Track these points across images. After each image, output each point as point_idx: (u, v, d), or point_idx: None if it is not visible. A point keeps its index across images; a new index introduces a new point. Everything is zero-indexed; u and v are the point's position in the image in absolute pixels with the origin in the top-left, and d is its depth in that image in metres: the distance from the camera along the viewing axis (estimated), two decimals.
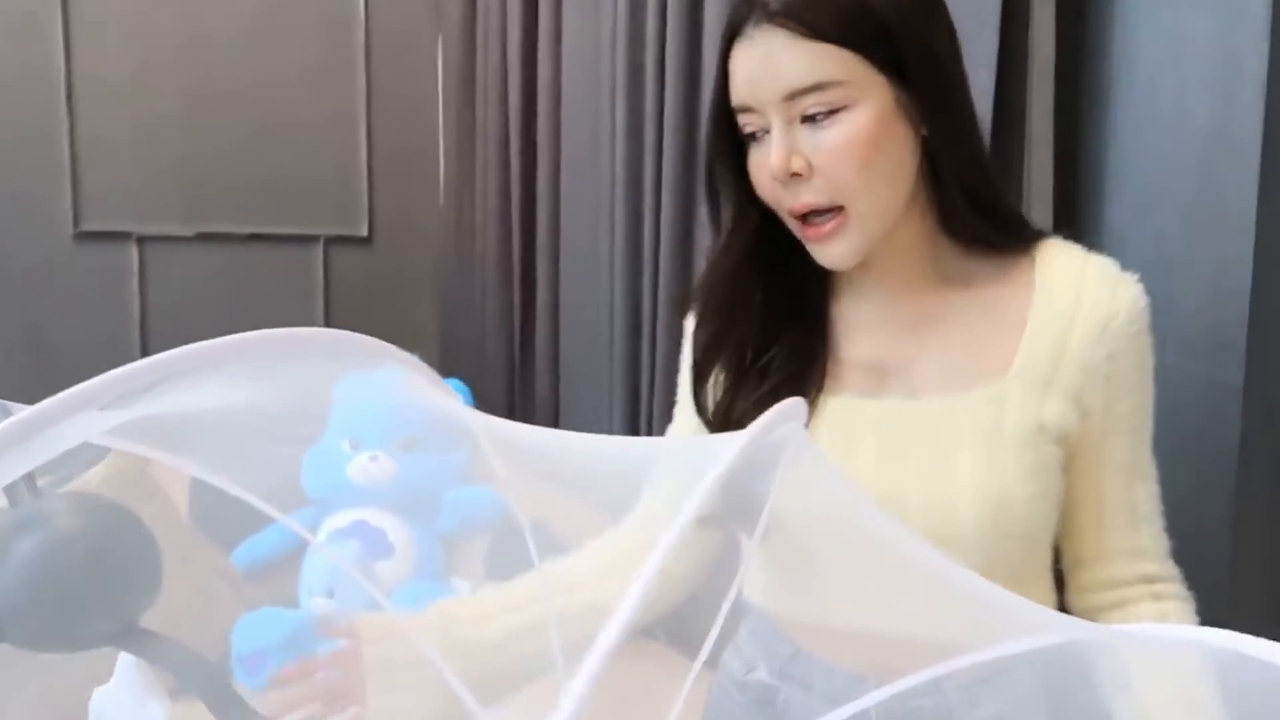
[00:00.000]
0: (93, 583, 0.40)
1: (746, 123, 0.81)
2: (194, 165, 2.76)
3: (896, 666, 0.80)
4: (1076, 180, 1.42)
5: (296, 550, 2.01)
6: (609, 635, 0.28)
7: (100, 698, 0.48)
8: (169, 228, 2.76)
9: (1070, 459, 0.82)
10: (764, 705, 0.88)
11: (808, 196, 0.79)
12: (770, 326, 0.86)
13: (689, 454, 0.74)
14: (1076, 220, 1.37)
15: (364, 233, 2.96)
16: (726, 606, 0.76)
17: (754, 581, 0.88)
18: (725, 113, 0.82)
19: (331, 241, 2.92)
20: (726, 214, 0.86)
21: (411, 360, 0.52)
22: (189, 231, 2.77)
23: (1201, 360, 1.25)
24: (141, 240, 2.74)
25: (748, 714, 0.88)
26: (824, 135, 0.78)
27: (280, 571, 2.03)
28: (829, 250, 0.81)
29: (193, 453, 0.49)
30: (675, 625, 0.96)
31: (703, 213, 1.89)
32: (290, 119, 2.85)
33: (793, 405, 0.41)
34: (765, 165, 0.80)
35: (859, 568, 0.73)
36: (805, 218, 0.80)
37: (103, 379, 0.40)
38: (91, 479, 1.76)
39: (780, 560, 0.76)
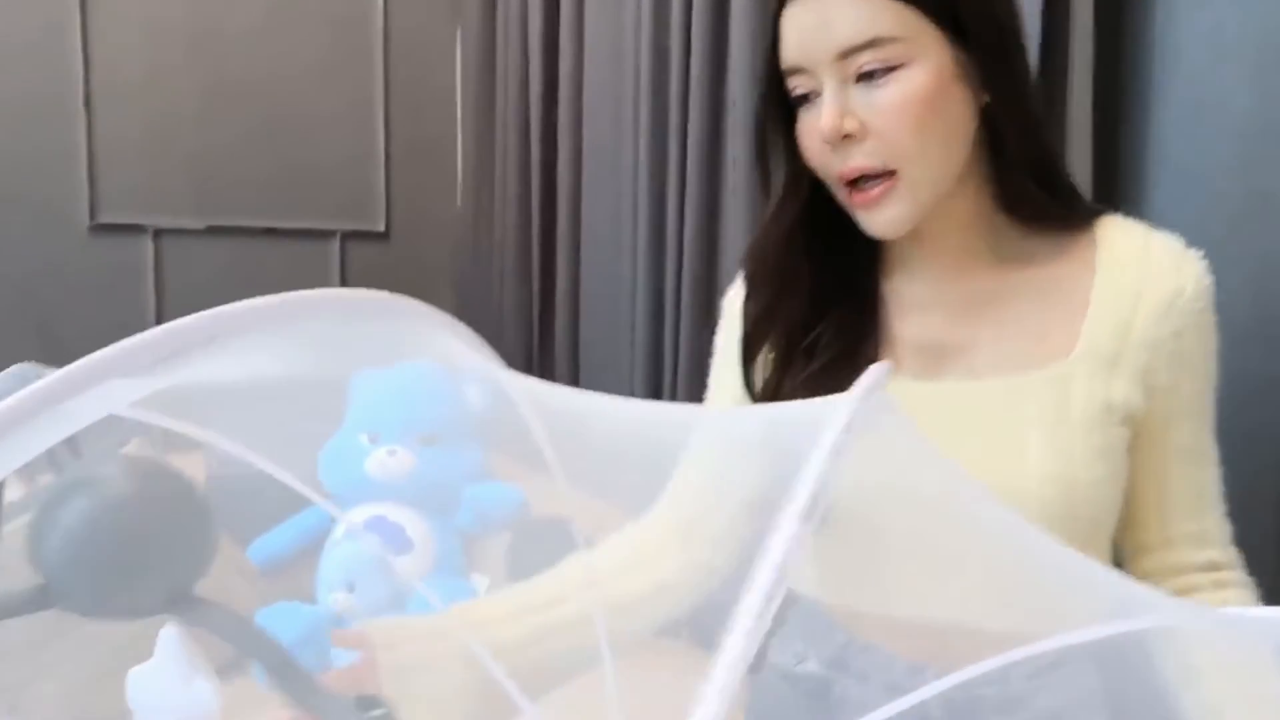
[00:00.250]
0: (143, 548, 0.38)
1: (797, 85, 0.78)
2: (211, 159, 2.75)
3: (961, 654, 0.77)
4: (1116, 172, 1.39)
5: (313, 545, 1.99)
6: (737, 641, 0.25)
7: (139, 677, 0.46)
8: (185, 221, 2.75)
9: (1134, 441, 0.80)
10: (817, 698, 0.85)
11: (859, 160, 0.76)
12: (819, 304, 0.84)
13: (730, 424, 0.71)
14: (1116, 212, 1.34)
15: (381, 228, 2.94)
16: (775, 604, 0.73)
17: (803, 570, 0.85)
18: (775, 77, 0.80)
19: (348, 236, 2.91)
20: (777, 182, 0.83)
21: (453, 323, 0.50)
22: (206, 226, 2.76)
23: (1245, 352, 1.22)
24: (158, 234, 2.73)
25: (799, 708, 0.85)
26: (879, 94, 0.75)
27: (296, 566, 2.01)
28: (877, 217, 0.78)
29: (226, 429, 0.46)
30: (702, 623, 0.93)
31: (728, 201, 1.89)
32: (308, 112, 2.83)
33: (880, 371, 0.38)
34: (815, 129, 0.77)
35: (933, 552, 0.71)
36: (854, 183, 0.77)
37: (140, 339, 0.38)
38: None
39: (838, 547, 0.73)
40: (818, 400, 0.59)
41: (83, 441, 0.41)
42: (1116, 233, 0.82)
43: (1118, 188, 1.39)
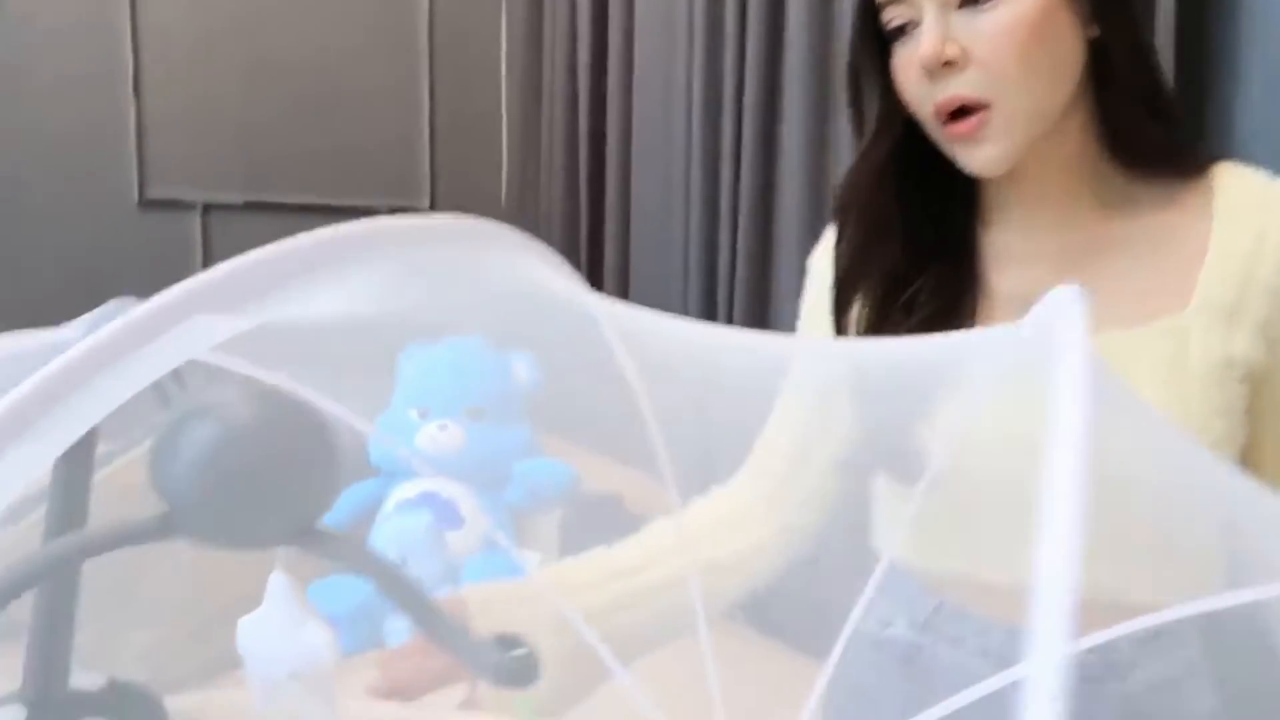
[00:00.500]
0: (269, 473, 0.37)
1: (893, 16, 0.75)
2: (259, 135, 2.75)
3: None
4: (1200, 142, 1.34)
5: (363, 519, 1.99)
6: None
7: (249, 625, 0.45)
8: (233, 197, 2.75)
9: (1253, 400, 0.75)
10: (905, 664, 0.81)
11: (958, 89, 0.73)
12: (914, 257, 0.80)
13: (830, 358, 0.68)
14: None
15: (426, 204, 2.94)
16: (877, 578, 0.70)
17: (891, 531, 0.82)
18: (869, 10, 0.77)
19: (394, 212, 2.89)
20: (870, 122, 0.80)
21: (541, 248, 0.47)
22: (253, 201, 2.77)
23: None
24: (207, 209, 2.74)
25: (885, 674, 0.82)
26: (984, 18, 0.72)
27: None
28: (976, 153, 0.74)
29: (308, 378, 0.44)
30: (758, 600, 0.90)
31: (784, 172, 1.85)
32: (354, 87, 2.83)
33: (1072, 293, 0.33)
34: (911, 62, 0.74)
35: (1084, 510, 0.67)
36: (952, 117, 0.74)
37: (234, 265, 0.35)
38: None
39: (940, 506, 0.70)
40: (922, 341, 0.55)
41: (187, 375, 0.39)
42: (1233, 179, 0.78)
43: None
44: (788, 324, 0.97)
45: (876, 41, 0.78)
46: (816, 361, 0.71)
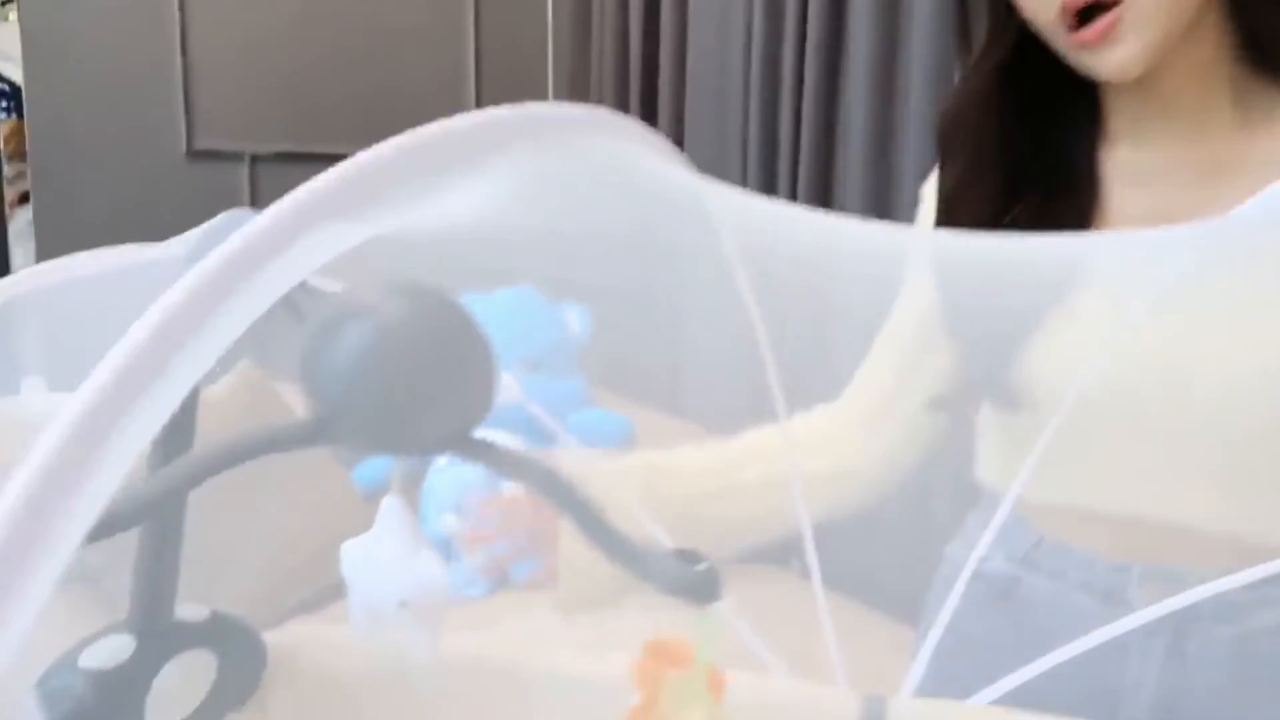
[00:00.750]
0: (424, 376, 0.35)
1: None
2: (306, 85, 2.76)
3: (1173, 553, 0.71)
4: None
5: (418, 469, 1.99)
6: None
7: (355, 551, 0.42)
8: (281, 147, 2.75)
9: None
10: (1002, 598, 0.79)
11: None
12: (1017, 183, 0.75)
13: (948, 249, 0.65)
14: None
15: None
16: (998, 521, 0.66)
17: (990, 462, 0.79)
18: None
19: None
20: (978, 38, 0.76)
21: (657, 140, 0.44)
22: (301, 151, 2.76)
23: None
24: (254, 160, 2.74)
25: (982, 609, 0.79)
26: None
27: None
28: (1109, 54, 0.69)
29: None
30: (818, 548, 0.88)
31: (847, 111, 1.79)
32: (397, 30, 2.82)
33: None
34: None
35: (1175, 439, 0.64)
36: (1079, 18, 0.69)
37: (349, 168, 0.32)
38: (213, 395, 1.74)
39: (1042, 433, 0.66)
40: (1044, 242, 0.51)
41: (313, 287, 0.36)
42: None
43: None
44: None
45: None
46: (924, 277, 0.68)
